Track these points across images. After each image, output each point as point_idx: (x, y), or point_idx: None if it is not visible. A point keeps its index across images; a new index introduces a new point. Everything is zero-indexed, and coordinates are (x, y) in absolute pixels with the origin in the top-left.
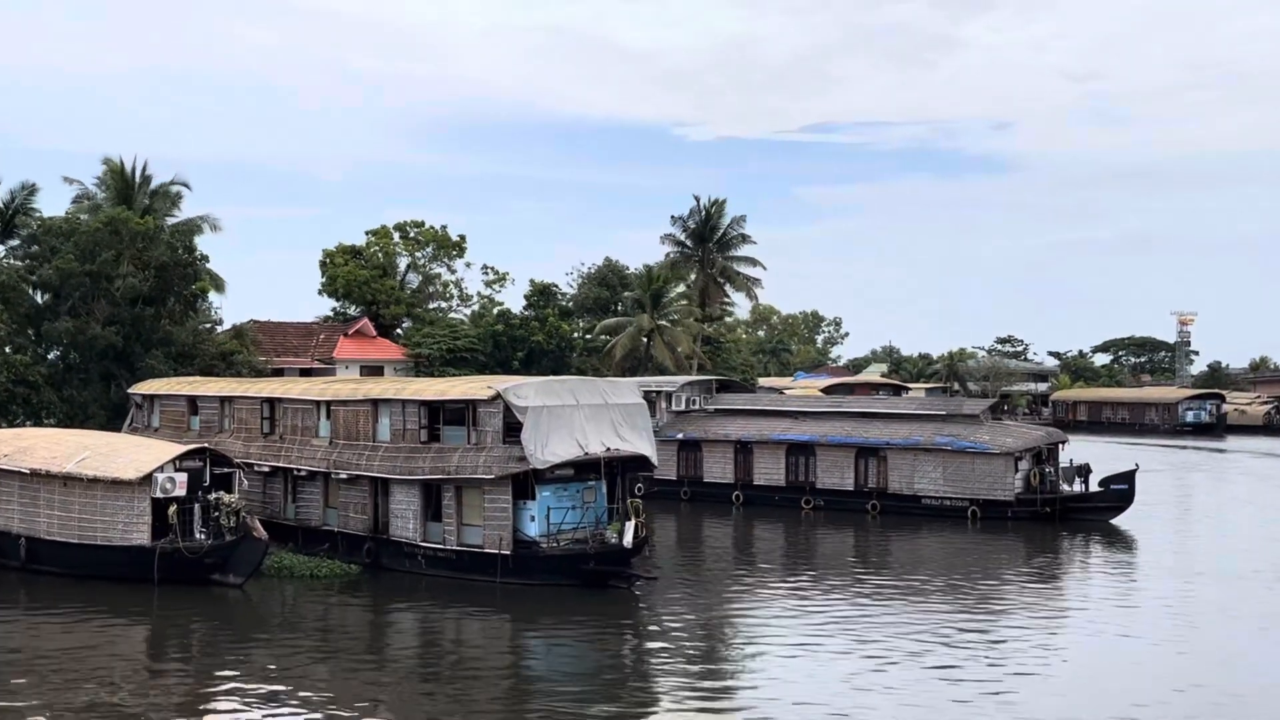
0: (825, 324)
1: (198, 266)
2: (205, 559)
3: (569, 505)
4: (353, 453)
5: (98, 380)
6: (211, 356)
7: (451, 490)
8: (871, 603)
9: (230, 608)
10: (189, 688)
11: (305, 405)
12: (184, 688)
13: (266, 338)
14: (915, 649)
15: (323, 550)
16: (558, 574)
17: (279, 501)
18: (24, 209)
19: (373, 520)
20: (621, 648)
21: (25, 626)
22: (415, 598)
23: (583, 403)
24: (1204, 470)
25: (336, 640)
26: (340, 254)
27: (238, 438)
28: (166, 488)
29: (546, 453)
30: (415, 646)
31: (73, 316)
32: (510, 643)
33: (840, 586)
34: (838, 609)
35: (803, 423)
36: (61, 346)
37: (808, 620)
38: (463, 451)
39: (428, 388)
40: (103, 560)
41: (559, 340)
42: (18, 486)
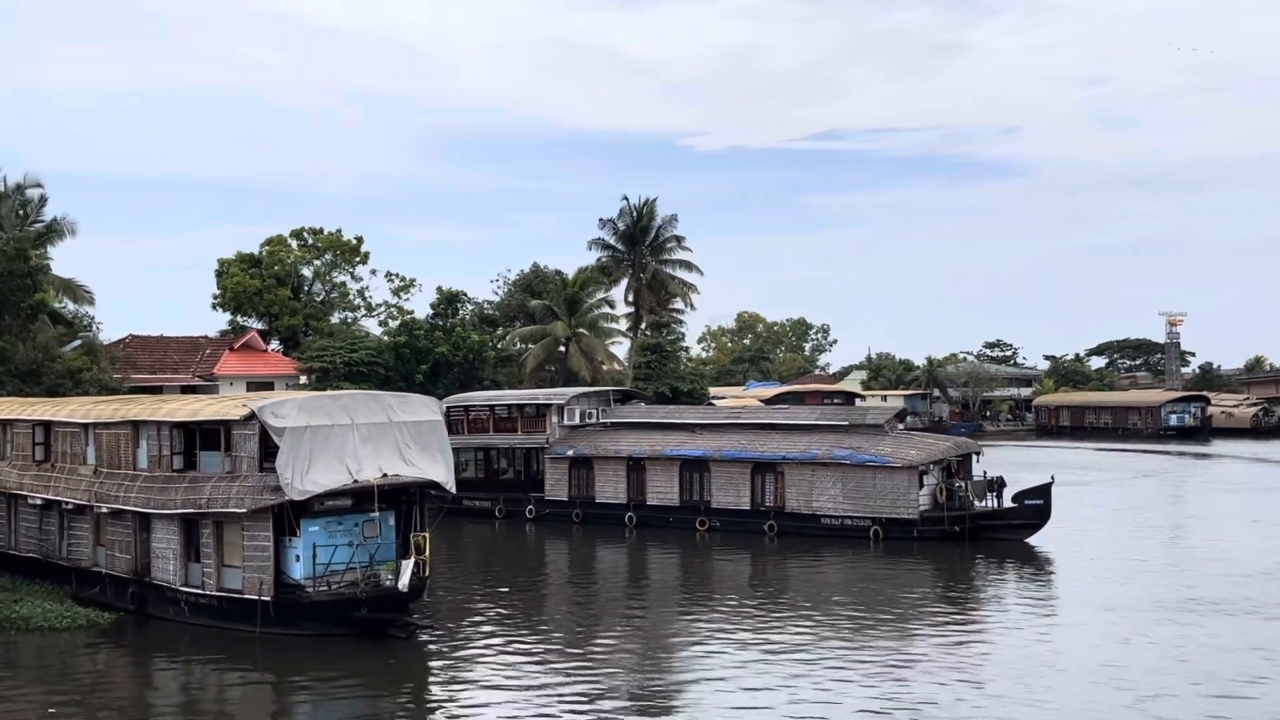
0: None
1: (36, 278)
2: None
3: (344, 542)
4: (114, 483)
5: None
6: (58, 375)
7: (210, 526)
8: (740, 644)
9: None
10: None
11: (74, 429)
12: None
13: (145, 353)
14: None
15: (91, 593)
16: (327, 622)
17: (53, 539)
18: None
19: (135, 561)
20: (395, 713)
21: None
22: (168, 652)
23: (359, 421)
24: (1165, 477)
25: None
26: (238, 263)
27: (14, 465)
28: None
29: (307, 481)
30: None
31: None
32: (271, 708)
33: (702, 620)
34: (699, 650)
35: (698, 437)
36: None
37: (651, 669)
38: (216, 481)
39: (182, 407)
40: None
41: (467, 351)
42: None
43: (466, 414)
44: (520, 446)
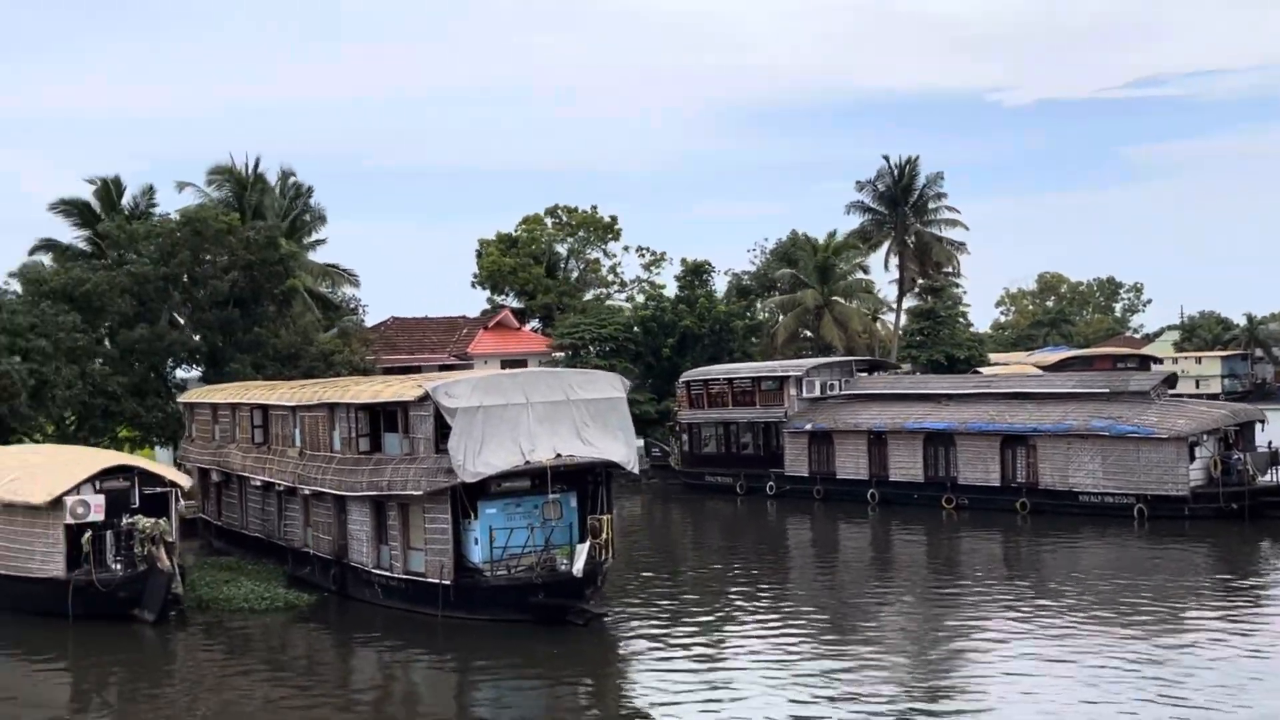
0: (1124, 290)
1: (287, 264)
2: (119, 592)
3: (521, 524)
4: (315, 465)
5: (181, 389)
6: (313, 358)
7: (395, 508)
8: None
9: (143, 649)
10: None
11: (284, 412)
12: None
13: (404, 335)
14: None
15: (304, 572)
16: (505, 607)
17: (273, 520)
18: (146, 213)
19: (334, 542)
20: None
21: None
22: (358, 633)
23: (534, 400)
24: None
25: (255, 689)
26: (496, 243)
27: (240, 448)
28: (78, 512)
29: (478, 462)
30: (344, 694)
31: (150, 323)
32: (453, 693)
33: (951, 608)
34: (955, 644)
35: (943, 408)
36: (140, 354)
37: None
38: (397, 463)
39: (367, 389)
40: (22, 593)
41: (713, 323)
42: None
43: (706, 388)
44: (759, 420)
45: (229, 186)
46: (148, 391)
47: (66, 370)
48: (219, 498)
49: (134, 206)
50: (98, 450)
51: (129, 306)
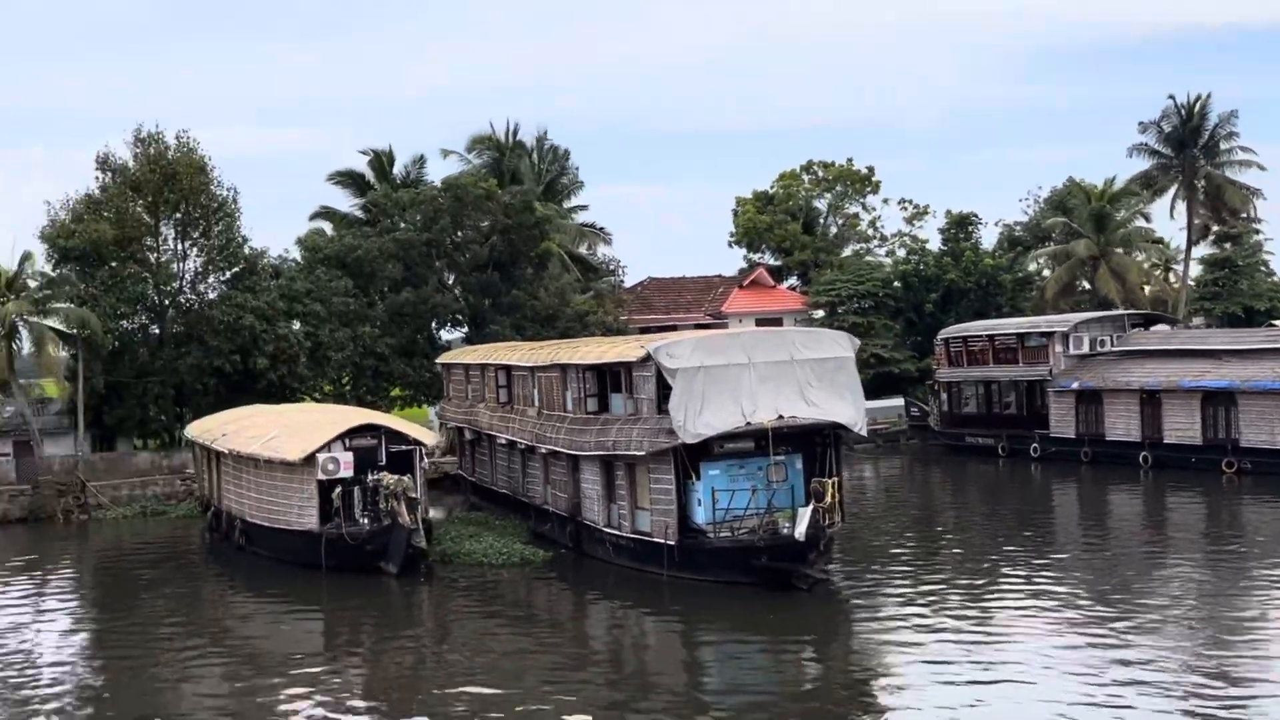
0: None
1: (543, 227)
2: (366, 545)
3: (743, 486)
4: (550, 425)
5: (443, 349)
6: (569, 319)
7: (623, 468)
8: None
9: (388, 599)
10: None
11: (524, 373)
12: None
13: (660, 294)
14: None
15: (544, 529)
16: (728, 569)
17: (517, 477)
18: (415, 182)
19: (570, 500)
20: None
21: (212, 611)
22: (587, 590)
23: (757, 360)
24: None
25: (492, 639)
26: (752, 201)
27: (488, 407)
28: (329, 469)
29: (698, 423)
30: (576, 649)
31: (416, 286)
32: (679, 654)
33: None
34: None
35: (1223, 365)
36: (407, 317)
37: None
38: (622, 423)
39: (593, 350)
40: (285, 544)
41: (979, 277)
42: (231, 468)
43: (966, 345)
44: (1023, 379)
45: (489, 154)
46: (415, 352)
47: (339, 333)
48: (473, 455)
49: (404, 175)
50: (350, 409)
51: (396, 271)
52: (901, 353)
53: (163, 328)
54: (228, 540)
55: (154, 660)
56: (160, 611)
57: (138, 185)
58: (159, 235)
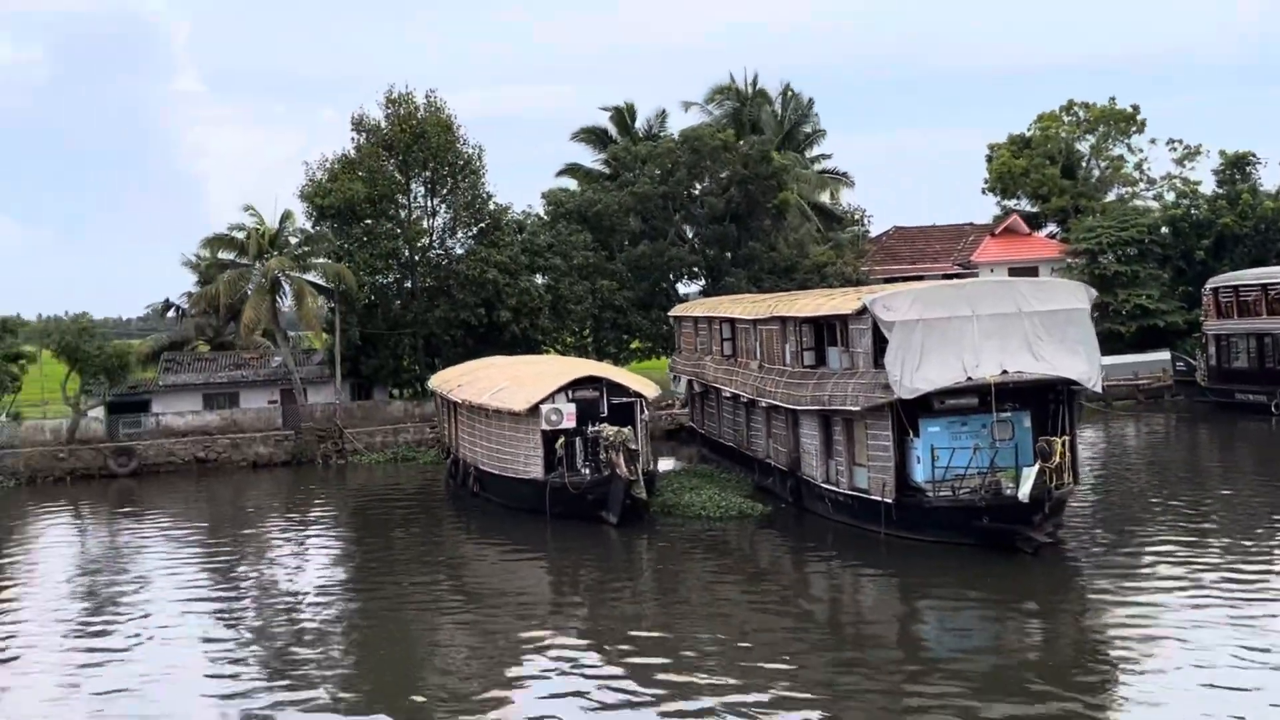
0: None
1: (781, 178)
2: (587, 495)
3: (965, 444)
4: (770, 378)
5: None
6: (807, 270)
7: (840, 423)
8: None
9: (608, 547)
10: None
11: (746, 326)
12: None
13: (906, 244)
14: None
15: (767, 483)
16: (948, 529)
17: (742, 430)
18: (656, 136)
19: (789, 455)
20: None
21: (451, 552)
22: (805, 546)
23: (981, 313)
24: None
25: (707, 589)
26: (1008, 145)
27: (714, 360)
28: (552, 419)
29: (916, 378)
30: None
31: (654, 240)
32: (898, 612)
33: None
34: None
35: None
36: (644, 270)
37: None
38: (838, 378)
39: (810, 302)
40: (513, 491)
41: (1257, 221)
42: (465, 417)
43: (1237, 295)
44: None
45: (729, 104)
46: (653, 305)
47: (578, 286)
48: (702, 407)
49: (646, 129)
50: (575, 361)
51: (635, 225)
52: (1169, 304)
53: (413, 282)
54: (464, 486)
55: (402, 595)
56: (407, 550)
57: (389, 145)
58: (409, 193)
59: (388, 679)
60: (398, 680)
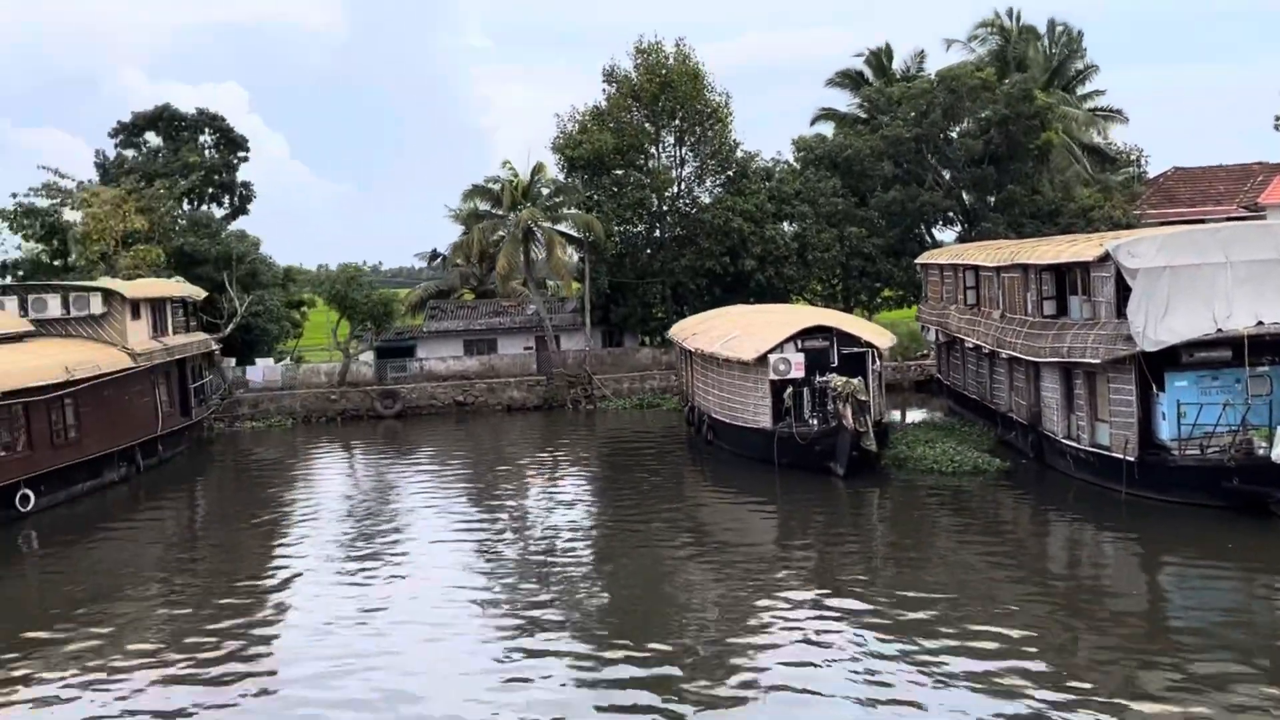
0: None
1: (1045, 117)
2: (814, 446)
3: (1218, 399)
4: (1010, 329)
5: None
6: (1072, 214)
7: (1081, 377)
8: None
9: (835, 498)
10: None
11: (989, 273)
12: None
13: (1186, 185)
14: None
15: (1009, 437)
16: (1194, 490)
17: (985, 382)
18: (914, 76)
19: (1029, 409)
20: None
21: (688, 497)
22: (1044, 504)
23: (1236, 259)
24: None
25: (929, 546)
26: None
27: (957, 310)
28: (780, 369)
29: (1161, 329)
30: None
31: (905, 185)
32: (1139, 578)
33: None
34: None
35: None
36: (894, 216)
37: None
38: (1078, 328)
39: (1051, 249)
40: (743, 440)
41: None
42: (700, 366)
43: None
44: None
45: (994, 40)
46: (904, 253)
47: (826, 234)
48: (947, 358)
49: (904, 70)
50: (807, 310)
51: (887, 169)
52: None
53: (661, 231)
54: (699, 433)
55: (643, 538)
56: (648, 495)
57: (637, 95)
58: (658, 143)
59: (632, 621)
60: (640, 623)
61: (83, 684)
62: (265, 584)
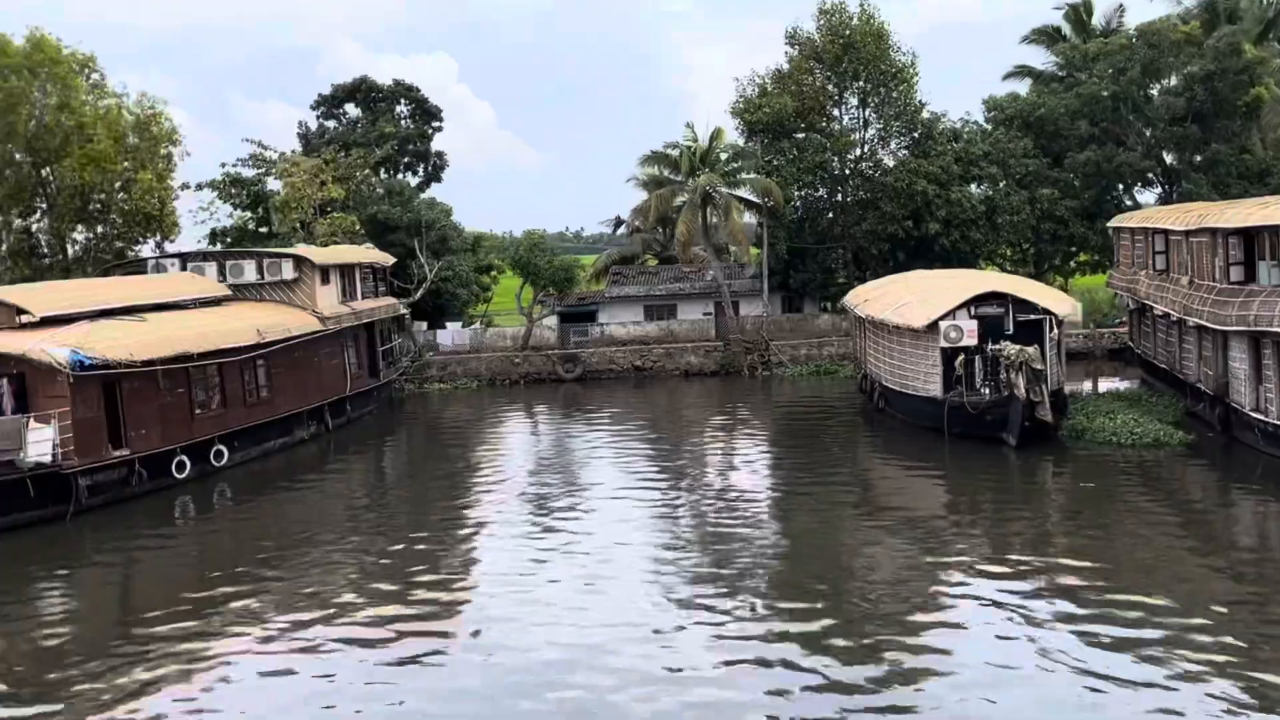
0: None
1: (1253, 71)
2: (986, 415)
3: None
4: (1198, 295)
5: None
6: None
7: (1270, 346)
8: None
9: (1006, 469)
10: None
11: (1178, 238)
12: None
13: None
14: None
15: (1197, 409)
16: None
17: (1174, 351)
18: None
19: (1217, 379)
20: None
21: (859, 465)
22: (1222, 479)
23: None
24: None
25: (1102, 520)
26: None
27: (1147, 275)
28: (951, 336)
29: None
30: (1199, 540)
31: (1099, 144)
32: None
33: None
34: None
35: None
36: (1089, 178)
37: None
38: (1266, 295)
39: (1240, 211)
40: (913, 408)
41: None
42: (871, 333)
43: None
44: None
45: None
46: (1099, 215)
47: (1014, 196)
48: (1138, 326)
49: (1104, 25)
50: (983, 276)
51: (1083, 129)
52: None
53: (842, 195)
54: (871, 401)
55: (815, 504)
56: (820, 461)
57: (819, 56)
58: (841, 105)
59: (807, 585)
60: (816, 590)
61: (283, 627)
62: (452, 536)
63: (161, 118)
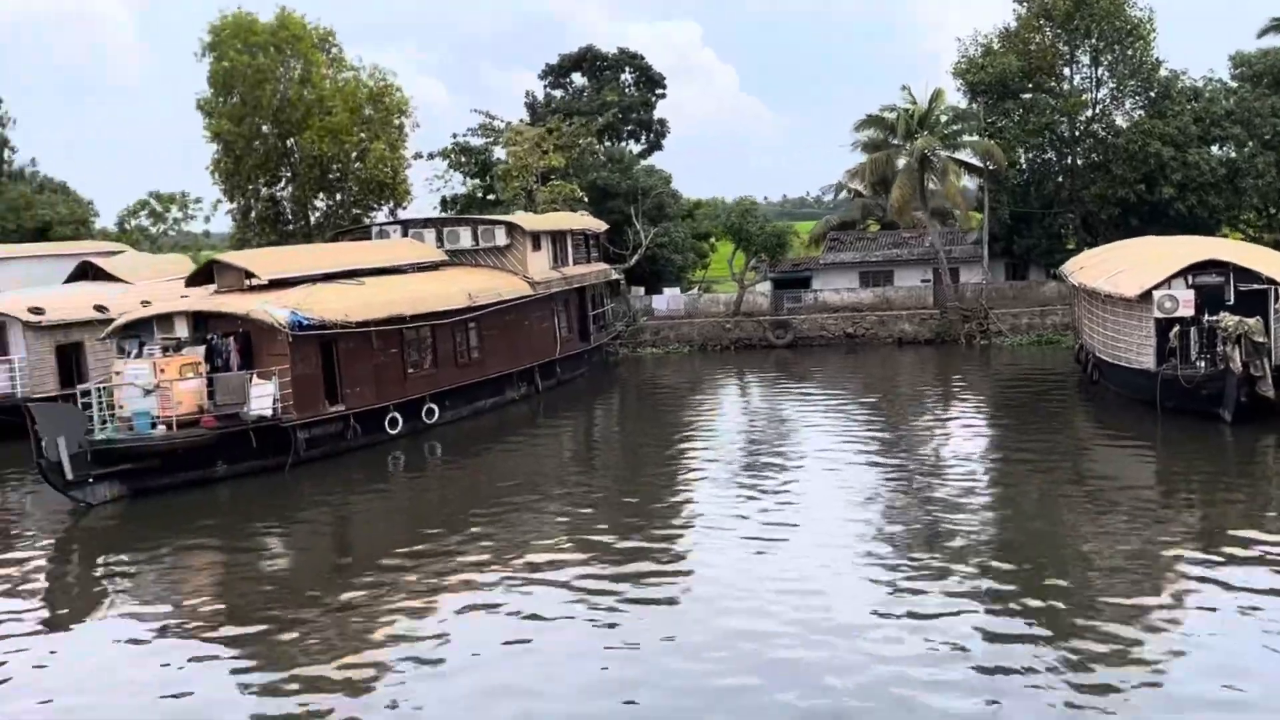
0: None
1: None
2: (1200, 390)
3: None
4: None
5: None
6: None
7: None
8: None
9: (1220, 446)
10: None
11: None
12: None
13: None
14: None
15: None
16: None
17: None
18: None
19: None
20: None
21: (1074, 437)
22: None
23: None
24: None
25: None
26: None
27: None
28: (1166, 306)
29: None
30: None
31: None
32: None
33: None
34: None
35: None
36: None
37: None
38: None
39: None
40: (1126, 381)
41: None
42: (1085, 302)
43: None
44: None
45: None
46: None
47: (1260, 158)
48: None
49: None
50: (1205, 242)
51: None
52: None
53: (1071, 157)
54: (1085, 372)
55: (1023, 478)
56: (1034, 435)
57: (1049, 13)
58: (1073, 63)
59: (1018, 561)
60: (1029, 566)
61: (492, 581)
62: (663, 498)
63: (393, 89)
